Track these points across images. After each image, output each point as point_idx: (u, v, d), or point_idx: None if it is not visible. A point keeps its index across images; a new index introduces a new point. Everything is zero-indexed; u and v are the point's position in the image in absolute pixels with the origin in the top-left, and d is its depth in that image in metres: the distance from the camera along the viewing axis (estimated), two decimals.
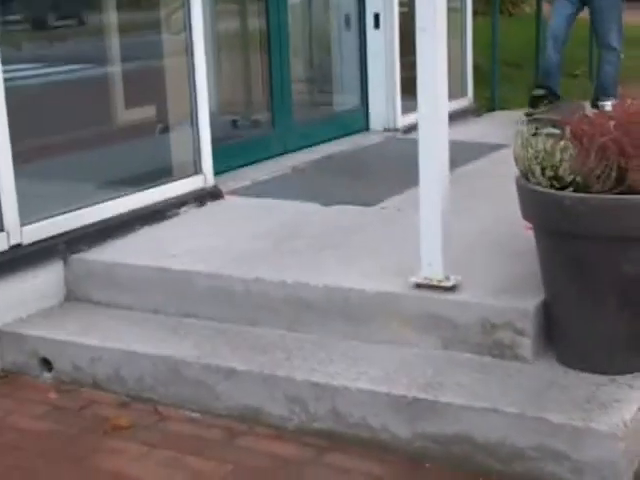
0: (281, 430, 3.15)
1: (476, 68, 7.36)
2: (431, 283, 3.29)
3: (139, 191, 4.36)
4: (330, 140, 5.95)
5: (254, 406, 3.21)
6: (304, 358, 3.27)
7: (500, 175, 3.53)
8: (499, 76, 7.61)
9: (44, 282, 3.87)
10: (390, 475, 2.89)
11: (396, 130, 6.26)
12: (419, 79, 3.18)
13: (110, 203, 4.19)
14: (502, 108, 7.46)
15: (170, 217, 4.40)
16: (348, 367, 3.18)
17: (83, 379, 3.55)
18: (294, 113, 5.80)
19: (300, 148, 5.71)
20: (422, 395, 2.97)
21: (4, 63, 3.77)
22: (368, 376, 3.11)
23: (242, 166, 5.25)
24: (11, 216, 3.78)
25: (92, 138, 4.72)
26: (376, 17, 6.24)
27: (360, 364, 3.19)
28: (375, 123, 6.37)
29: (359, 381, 3.08)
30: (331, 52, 6.62)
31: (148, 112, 5.25)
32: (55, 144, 4.45)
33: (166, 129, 4.88)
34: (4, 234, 3.76)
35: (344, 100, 6.56)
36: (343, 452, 3.01)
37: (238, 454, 3.05)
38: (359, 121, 6.36)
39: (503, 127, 6.02)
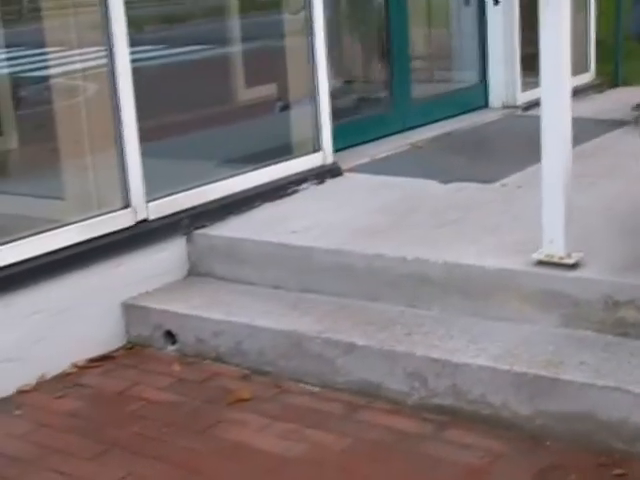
0: (400, 405, 3.17)
1: (599, 43, 7.19)
2: (552, 260, 3.26)
3: (260, 168, 4.42)
4: (449, 117, 5.90)
5: (374, 381, 3.23)
6: (424, 334, 3.28)
7: (622, 153, 3.47)
8: (623, 51, 7.42)
9: (168, 257, 3.97)
10: (510, 452, 2.87)
11: (516, 107, 6.17)
12: (542, 54, 3.14)
13: (231, 180, 4.26)
14: (625, 84, 7.28)
15: (290, 194, 4.44)
16: (468, 344, 3.18)
17: (206, 352, 3.63)
18: (413, 90, 5.78)
19: (419, 125, 5.69)
20: (543, 372, 2.94)
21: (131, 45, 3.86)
22: (488, 353, 3.10)
23: (361, 144, 5.25)
24: (137, 193, 3.88)
25: (214, 116, 4.81)
26: None
27: (480, 341, 3.19)
28: (494, 100, 6.29)
29: (479, 358, 3.07)
30: (450, 28, 6.56)
31: (269, 90, 5.32)
32: (178, 122, 4.54)
33: (286, 107, 4.92)
34: (131, 210, 3.86)
35: (463, 77, 6.50)
36: (463, 428, 3.01)
37: (357, 428, 3.08)
38: (478, 98, 6.29)
39: (625, 104, 5.87)
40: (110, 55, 3.78)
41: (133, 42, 3.89)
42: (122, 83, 3.80)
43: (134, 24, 4.19)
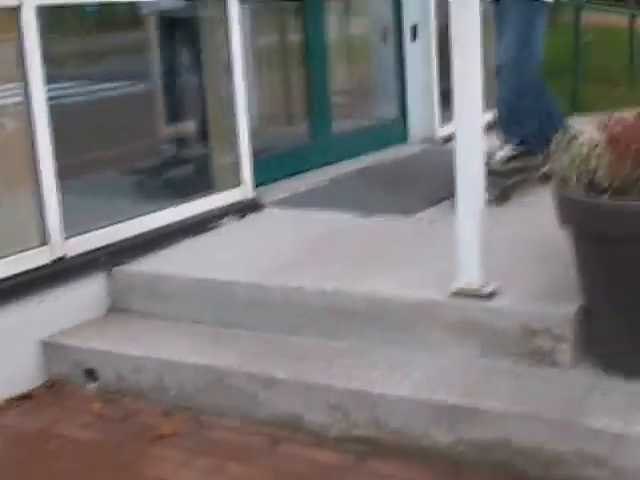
0: (322, 437, 3.18)
1: None
2: (470, 290, 3.31)
3: (180, 204, 4.42)
4: (369, 151, 5.98)
5: (295, 414, 3.24)
6: (344, 366, 3.31)
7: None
8: None
9: (88, 294, 3.94)
10: None
11: (434, 141, 6.28)
12: (455, 89, 3.21)
13: (151, 216, 4.26)
14: None
15: (211, 229, 4.45)
16: (388, 374, 3.21)
17: (127, 388, 3.60)
18: (333, 125, 5.84)
19: (339, 160, 5.75)
20: (462, 401, 2.99)
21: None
22: (408, 383, 3.13)
23: (282, 178, 5.29)
24: (55, 230, 3.86)
25: (132, 152, 4.81)
26: (413, 29, 6.28)
27: (400, 371, 3.22)
28: (414, 134, 6.39)
29: (399, 388, 3.10)
30: (370, 64, 6.66)
31: (189, 126, 5.35)
32: (98, 159, 4.53)
33: (205, 140, 4.95)
34: (48, 247, 3.83)
35: (383, 112, 6.59)
36: (384, 459, 3.03)
37: (279, 460, 3.08)
38: (398, 132, 6.39)
39: None
40: (25, 92, 3.76)
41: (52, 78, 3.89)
42: (38, 120, 3.77)
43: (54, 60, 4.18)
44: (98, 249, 4.01)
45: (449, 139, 5.85)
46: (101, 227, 4.07)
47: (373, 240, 4.11)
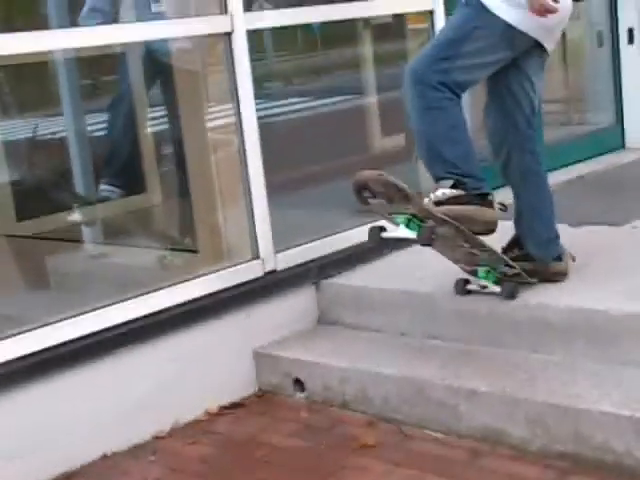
0: (523, 452, 3.16)
1: None
2: None
3: None
4: (583, 160, 5.85)
5: (496, 427, 3.23)
6: (546, 379, 3.27)
7: None
8: None
9: (297, 306, 4.07)
10: None
11: None
12: None
13: (358, 230, 4.33)
14: None
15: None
16: (591, 389, 3.15)
17: (333, 399, 3.70)
18: (545, 134, 5.75)
19: (552, 169, 5.65)
20: None
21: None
22: (611, 399, 3.06)
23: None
24: (266, 244, 4.01)
25: (343, 167, 4.92)
26: (630, 32, 6.10)
27: (603, 386, 3.15)
28: (631, 141, 6.20)
29: (601, 404, 3.04)
30: (584, 69, 6.52)
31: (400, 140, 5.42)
32: (303, 174, 4.67)
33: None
34: (260, 261, 3.99)
35: (598, 118, 6.43)
36: (586, 475, 2.97)
37: (480, 474, 3.08)
38: (615, 139, 6.21)
39: None
40: (237, 112, 3.93)
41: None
42: (249, 139, 3.94)
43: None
44: (307, 262, 4.13)
45: None
46: (310, 241, 4.19)
47: (581, 250, 4.02)
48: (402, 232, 3.35)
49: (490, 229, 3.44)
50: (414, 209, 3.31)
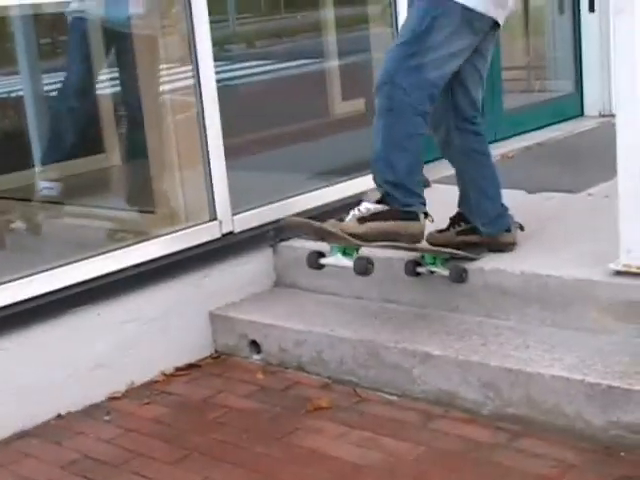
0: (475, 415, 3.19)
1: None
2: (630, 270, 3.23)
3: (344, 182, 4.48)
4: (543, 127, 5.89)
5: (449, 390, 3.26)
6: (499, 344, 3.30)
7: None
8: None
9: (254, 268, 4.07)
10: (583, 463, 2.86)
11: (612, 115, 6.09)
12: (615, 62, 3.14)
13: (316, 193, 4.34)
14: None
15: None
16: (543, 353, 3.18)
17: (288, 361, 3.71)
18: (505, 100, 5.78)
19: (511, 136, 5.69)
20: (617, 383, 2.92)
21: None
22: (563, 363, 3.09)
23: None
24: (223, 206, 4.00)
25: (303, 129, 4.92)
26: (591, 0, 6.12)
27: (556, 351, 3.18)
28: (590, 109, 6.25)
29: (553, 368, 3.07)
30: (545, 36, 6.54)
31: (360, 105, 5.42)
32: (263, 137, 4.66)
33: None
34: (217, 223, 3.98)
35: (558, 86, 6.46)
36: (536, 438, 3.01)
37: (432, 436, 3.11)
38: (573, 107, 6.26)
39: None
40: (196, 74, 3.90)
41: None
42: (207, 101, 3.91)
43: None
44: (264, 225, 4.13)
45: None
46: (268, 203, 4.18)
47: (537, 217, 4.05)
48: (339, 260, 3.41)
49: (416, 241, 3.42)
50: (345, 243, 3.34)
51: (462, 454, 2.98)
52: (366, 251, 3.40)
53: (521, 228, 3.72)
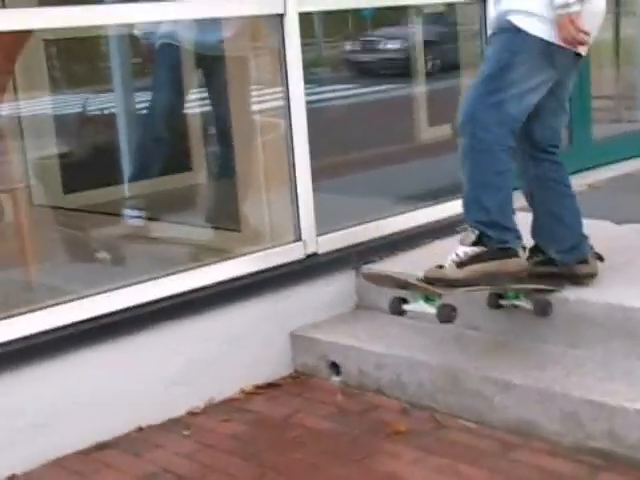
0: (555, 446, 3.15)
1: None
2: None
3: (429, 206, 4.48)
4: (631, 157, 5.80)
5: (529, 420, 3.23)
6: (582, 375, 3.25)
7: None
8: None
9: (336, 290, 4.08)
10: None
11: None
12: None
13: (401, 217, 4.34)
14: None
15: (459, 232, 4.47)
16: (628, 387, 3.13)
17: (368, 384, 3.71)
18: (593, 130, 5.71)
19: (599, 165, 5.62)
20: None
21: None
22: None
23: None
24: (308, 227, 4.02)
25: (388, 155, 4.93)
26: None
27: None
28: None
29: (638, 402, 3.02)
30: (636, 66, 6.46)
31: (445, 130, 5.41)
32: (349, 160, 4.68)
33: None
34: (301, 243, 4.00)
35: None
36: (618, 473, 2.96)
37: (511, 466, 3.07)
38: None
39: None
40: (286, 95, 3.94)
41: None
42: (296, 122, 3.94)
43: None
44: (348, 247, 4.14)
45: None
46: (352, 226, 4.20)
47: (623, 248, 3.99)
48: (422, 307, 3.39)
49: (519, 277, 3.39)
50: (425, 293, 3.35)
51: None
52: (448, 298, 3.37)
53: (600, 259, 3.65)
